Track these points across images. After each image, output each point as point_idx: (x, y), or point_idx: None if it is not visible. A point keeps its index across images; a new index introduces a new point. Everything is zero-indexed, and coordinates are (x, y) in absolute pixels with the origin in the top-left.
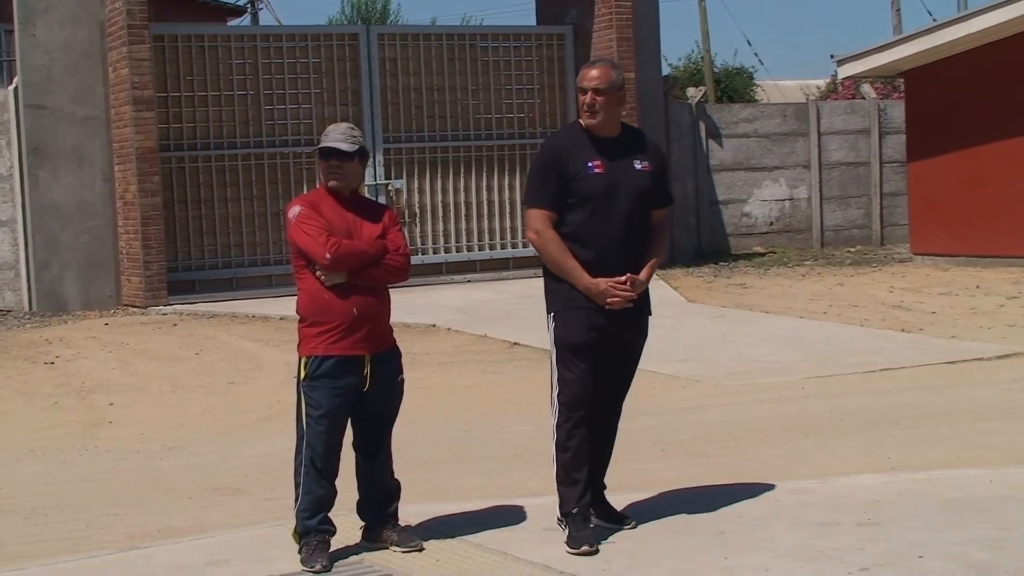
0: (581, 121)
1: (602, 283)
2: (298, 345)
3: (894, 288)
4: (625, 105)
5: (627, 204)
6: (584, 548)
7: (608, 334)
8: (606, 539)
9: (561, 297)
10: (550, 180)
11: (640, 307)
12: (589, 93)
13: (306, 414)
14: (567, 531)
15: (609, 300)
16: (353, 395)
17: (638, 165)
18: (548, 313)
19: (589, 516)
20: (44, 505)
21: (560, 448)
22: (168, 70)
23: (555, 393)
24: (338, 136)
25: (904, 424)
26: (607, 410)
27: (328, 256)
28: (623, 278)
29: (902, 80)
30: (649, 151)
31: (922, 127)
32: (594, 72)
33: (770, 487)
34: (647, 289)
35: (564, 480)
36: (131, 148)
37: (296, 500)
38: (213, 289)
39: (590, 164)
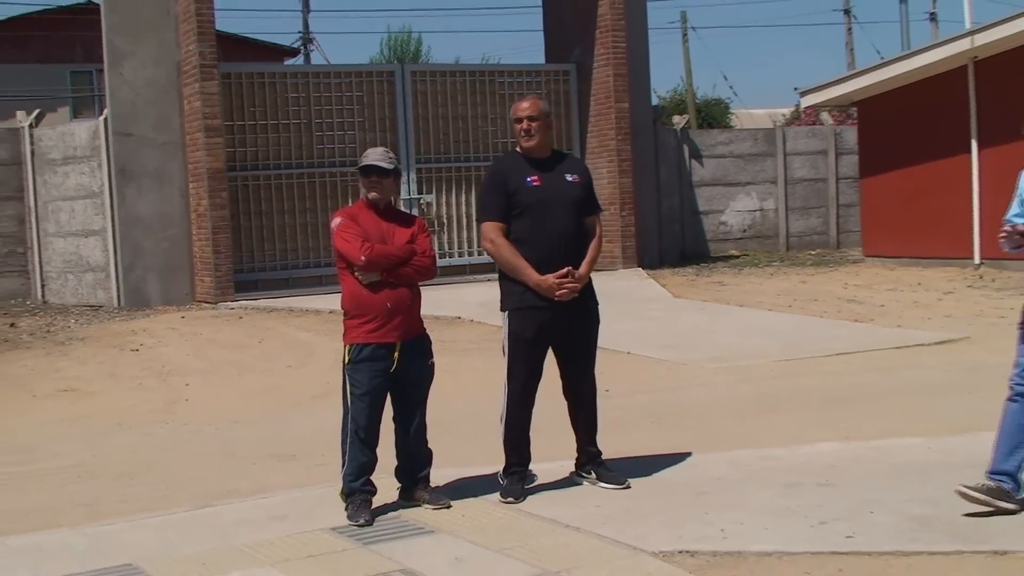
0: (519, 147)
1: (550, 278)
2: (343, 335)
3: (848, 285)
4: (552, 130)
5: (562, 210)
6: (509, 499)
7: (562, 327)
8: (605, 498)
9: (513, 298)
10: (497, 196)
11: (587, 298)
12: (524, 120)
13: (350, 393)
14: (504, 484)
15: (558, 293)
16: (389, 376)
17: (569, 178)
18: (502, 311)
19: (524, 476)
20: (130, 470)
21: (509, 428)
22: (234, 102)
23: (506, 381)
24: (377, 156)
25: (857, 400)
26: (580, 384)
27: (363, 258)
28: (564, 271)
29: (855, 108)
30: (578, 167)
31: (872, 149)
32: (525, 104)
33: (743, 454)
34: (591, 283)
35: (510, 455)
36: (203, 169)
37: (343, 465)
38: (273, 287)
39: (529, 179)
